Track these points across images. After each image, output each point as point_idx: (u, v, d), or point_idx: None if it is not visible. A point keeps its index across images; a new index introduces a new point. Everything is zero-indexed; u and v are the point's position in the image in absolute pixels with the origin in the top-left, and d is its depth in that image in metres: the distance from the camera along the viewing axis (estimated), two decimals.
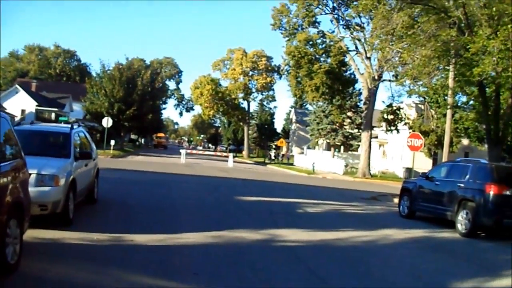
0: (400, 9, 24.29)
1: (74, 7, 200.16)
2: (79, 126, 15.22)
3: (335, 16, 51.25)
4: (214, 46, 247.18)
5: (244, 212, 17.15)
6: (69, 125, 14.15)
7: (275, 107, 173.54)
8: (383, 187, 37.52)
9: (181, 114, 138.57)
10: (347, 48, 51.06)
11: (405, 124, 49.68)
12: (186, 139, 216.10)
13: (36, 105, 74.36)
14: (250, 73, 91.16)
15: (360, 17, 48.51)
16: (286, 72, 57.33)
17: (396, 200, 24.88)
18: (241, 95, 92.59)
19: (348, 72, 52.66)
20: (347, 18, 50.65)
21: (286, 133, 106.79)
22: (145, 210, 15.34)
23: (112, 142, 53.30)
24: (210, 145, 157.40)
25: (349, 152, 70.09)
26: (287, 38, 53.07)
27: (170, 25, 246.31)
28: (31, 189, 10.29)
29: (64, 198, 11.24)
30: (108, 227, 12.03)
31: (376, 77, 48.45)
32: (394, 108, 49.60)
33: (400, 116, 49.85)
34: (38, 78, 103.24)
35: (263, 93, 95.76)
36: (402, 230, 15.98)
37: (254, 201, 21.01)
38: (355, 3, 44.06)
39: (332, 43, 49.99)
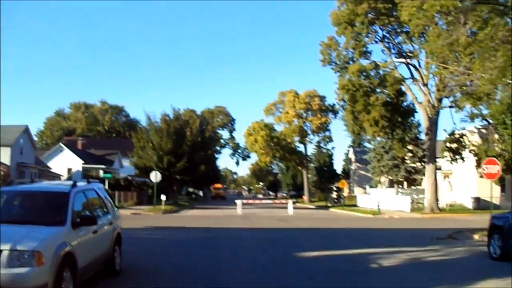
0: (468, 10, 20.83)
1: (119, 62, 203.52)
2: (89, 182, 12.31)
3: (386, 45, 49.29)
4: (265, 90, 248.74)
5: (304, 276, 13.67)
6: (71, 183, 11.22)
7: (333, 147, 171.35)
8: (455, 222, 34.94)
9: (237, 163, 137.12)
10: (402, 76, 48.79)
11: (470, 151, 46.66)
12: (246, 188, 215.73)
13: (83, 163, 74.14)
14: (304, 114, 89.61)
15: (412, 42, 46.75)
16: (341, 108, 54.98)
17: (476, 236, 23.67)
18: (296, 138, 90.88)
19: (405, 103, 50.63)
20: (399, 45, 48.85)
21: (346, 173, 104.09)
22: (177, 285, 12.25)
23: (163, 197, 50.92)
24: (270, 192, 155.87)
25: (413, 187, 68.40)
26: (338, 73, 50.90)
27: (218, 75, 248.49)
28: (3, 272, 7.65)
29: (53, 280, 8.29)
30: None
31: (435, 104, 46.22)
32: (457, 136, 47.13)
33: (463, 144, 47.23)
34: (85, 136, 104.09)
35: (319, 135, 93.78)
36: (502, 280, 12.74)
37: (316, 257, 17.64)
38: (404, 29, 42.14)
39: (386, 71, 47.33)
